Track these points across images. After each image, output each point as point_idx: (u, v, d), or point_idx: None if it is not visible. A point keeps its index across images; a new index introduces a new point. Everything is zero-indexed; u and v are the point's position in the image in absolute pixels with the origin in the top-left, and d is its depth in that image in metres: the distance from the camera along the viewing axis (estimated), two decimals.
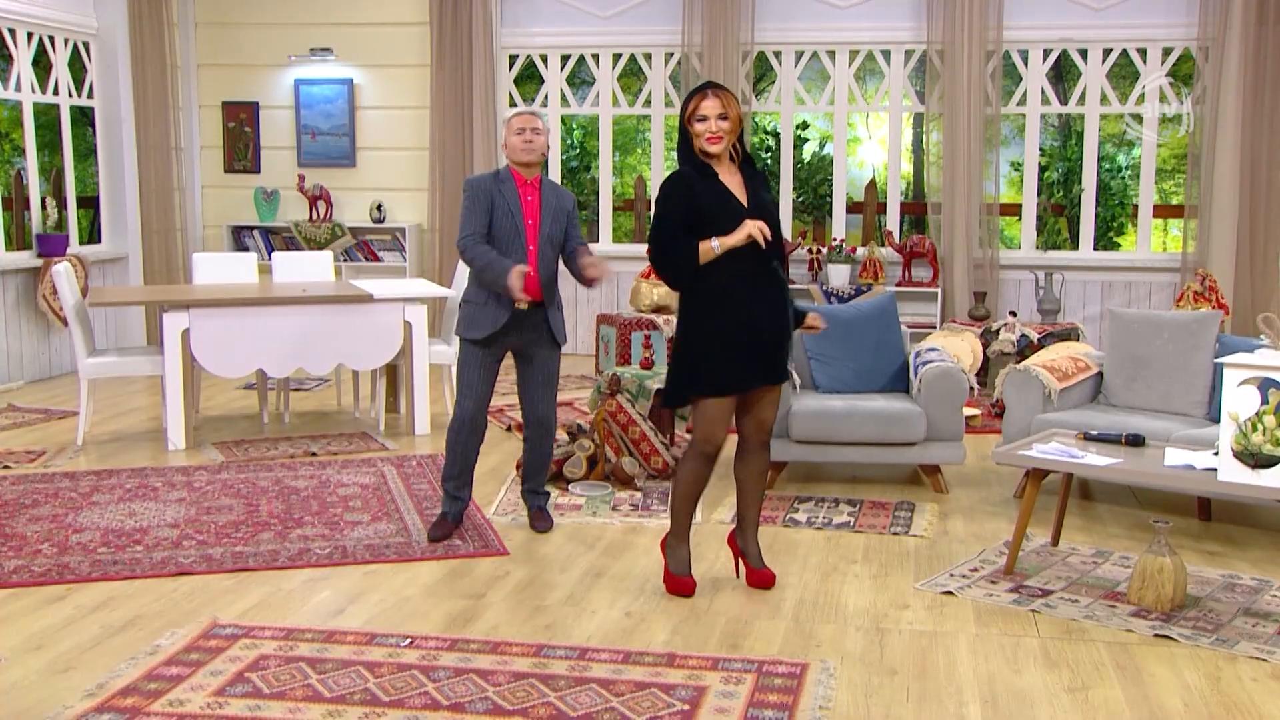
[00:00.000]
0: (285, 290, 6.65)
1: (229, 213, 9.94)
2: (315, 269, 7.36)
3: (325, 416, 7.24)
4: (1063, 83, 11.59)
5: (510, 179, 4.59)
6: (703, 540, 4.76)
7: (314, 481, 5.62)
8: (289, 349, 6.36)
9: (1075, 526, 4.96)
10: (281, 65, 9.78)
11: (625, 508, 5.23)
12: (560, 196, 4.66)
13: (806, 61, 9.40)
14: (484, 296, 4.57)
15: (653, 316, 8.26)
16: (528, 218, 4.56)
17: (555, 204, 4.62)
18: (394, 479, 5.68)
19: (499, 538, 4.75)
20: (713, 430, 3.93)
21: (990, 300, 8.84)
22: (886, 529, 4.93)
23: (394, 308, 6.53)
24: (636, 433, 5.74)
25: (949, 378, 5.43)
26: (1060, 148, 12.48)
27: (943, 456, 5.48)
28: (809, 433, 5.39)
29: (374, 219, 9.73)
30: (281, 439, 6.56)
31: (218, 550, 4.57)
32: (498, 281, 4.43)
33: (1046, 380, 5.35)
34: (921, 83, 9.42)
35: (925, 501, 5.36)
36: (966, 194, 8.86)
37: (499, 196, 4.55)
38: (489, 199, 4.54)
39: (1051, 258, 9.11)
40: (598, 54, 9.60)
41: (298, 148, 9.84)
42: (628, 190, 13.03)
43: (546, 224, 4.58)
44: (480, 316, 4.57)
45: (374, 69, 9.73)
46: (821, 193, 12.20)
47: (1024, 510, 4.35)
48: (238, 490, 5.43)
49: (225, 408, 7.49)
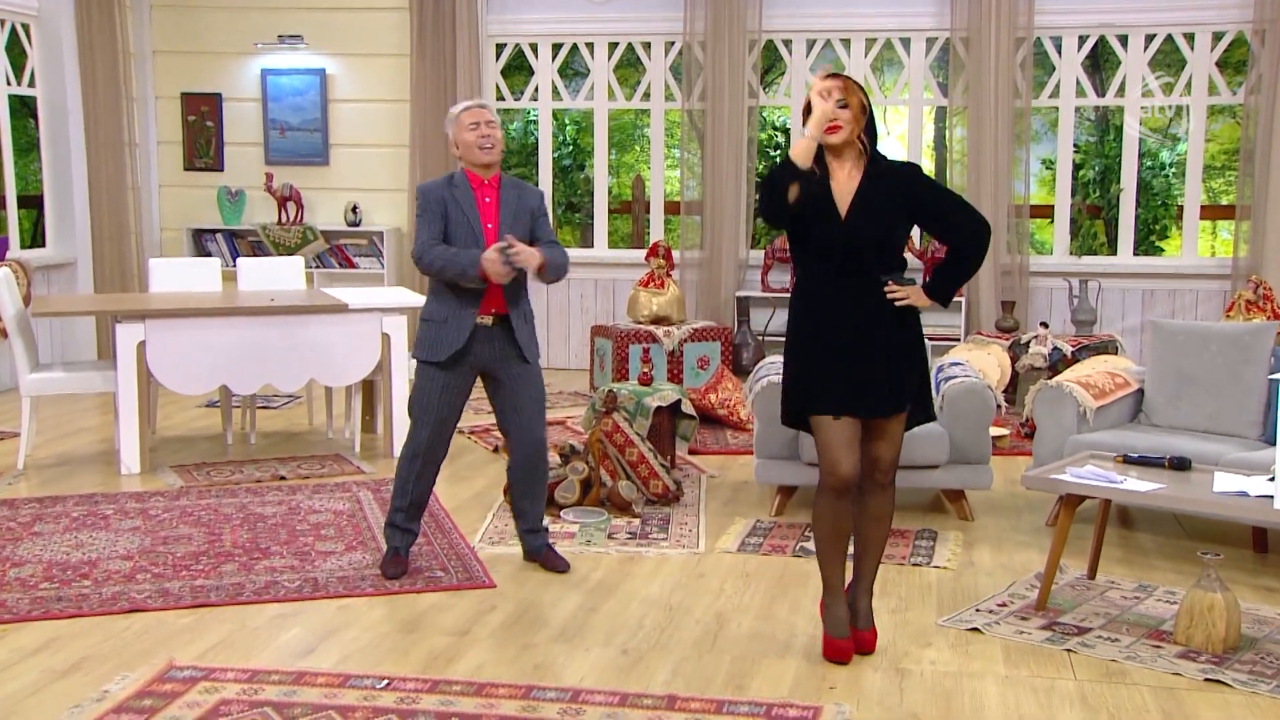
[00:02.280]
0: (251, 299, 6.65)
1: (189, 214, 9.94)
2: (284, 276, 7.36)
3: (295, 437, 7.24)
4: (1100, 72, 11.61)
5: (465, 182, 4.57)
6: (708, 571, 4.75)
7: (282, 508, 5.61)
8: (255, 363, 6.36)
9: (1114, 558, 4.96)
10: (247, 54, 9.81)
11: (622, 536, 5.22)
12: (523, 194, 4.62)
13: (819, 51, 9.43)
14: (445, 313, 4.54)
15: (651, 328, 8.27)
16: (486, 221, 4.54)
17: (516, 203, 4.58)
18: (370, 505, 5.67)
19: (484, 569, 4.74)
20: (834, 459, 3.72)
21: (1019, 310, 8.85)
22: (906, 559, 4.92)
23: (371, 318, 6.53)
24: (634, 454, 5.74)
25: (974, 395, 5.44)
26: (1097, 143, 12.49)
27: (968, 480, 5.48)
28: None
29: (349, 222, 9.74)
30: (247, 461, 6.55)
31: (175, 584, 4.56)
32: (467, 273, 4.40)
33: (1081, 397, 5.36)
34: (944, 73, 9.45)
35: (949, 530, 5.36)
36: (994, 195, 8.88)
37: (452, 202, 4.53)
38: (441, 205, 4.52)
39: (1087, 264, 9.13)
40: (592, 43, 9.63)
41: (265, 144, 9.86)
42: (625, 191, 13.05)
43: (506, 225, 4.53)
44: (441, 336, 4.54)
45: (348, 58, 9.76)
46: None
47: (1057, 540, 4.35)
48: (198, 518, 5.43)
49: (185, 428, 7.48)
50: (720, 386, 7.54)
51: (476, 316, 4.52)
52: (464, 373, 4.58)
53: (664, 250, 8.58)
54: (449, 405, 4.59)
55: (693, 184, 9.49)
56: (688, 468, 6.45)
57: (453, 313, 4.54)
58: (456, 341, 4.51)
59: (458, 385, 4.59)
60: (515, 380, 4.62)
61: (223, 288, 7.34)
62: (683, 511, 5.62)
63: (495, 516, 5.49)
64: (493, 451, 6.74)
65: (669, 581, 4.67)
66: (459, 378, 4.58)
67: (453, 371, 4.56)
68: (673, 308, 8.46)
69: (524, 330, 4.62)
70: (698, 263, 9.42)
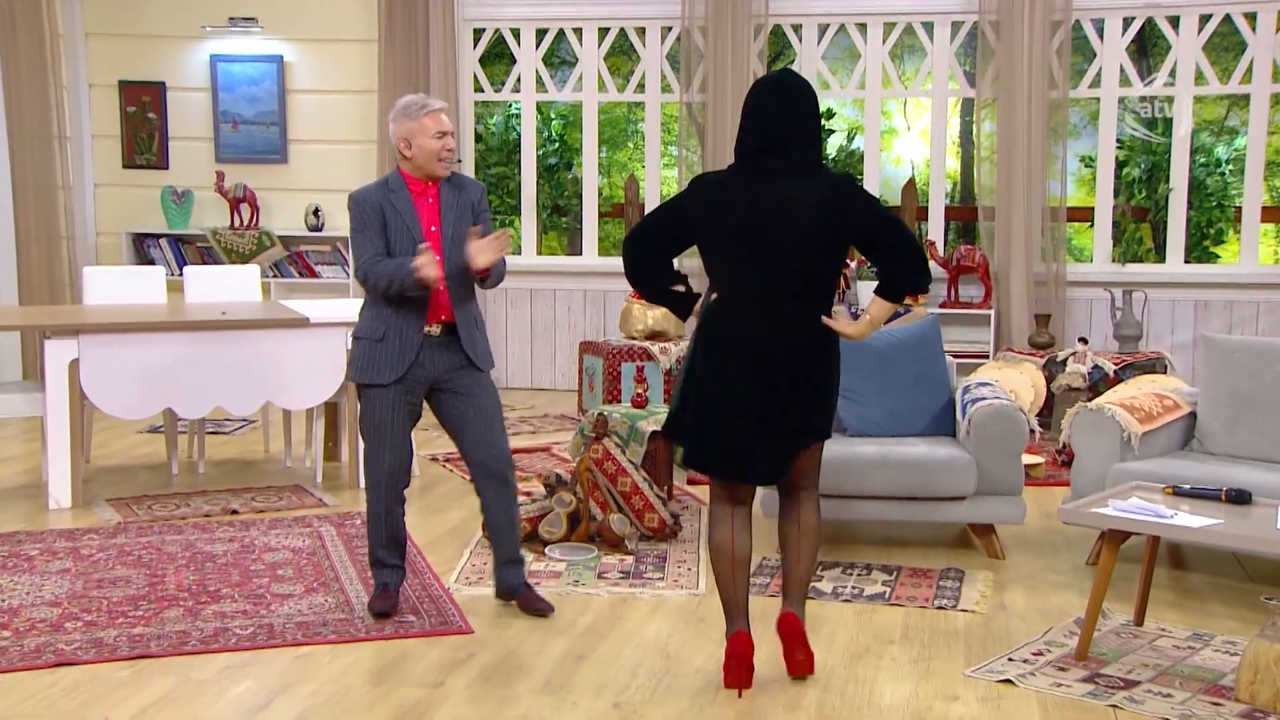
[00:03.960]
0: (200, 312, 6.65)
1: (129, 217, 9.95)
2: (237, 286, 7.37)
3: (249, 466, 7.23)
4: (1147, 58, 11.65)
5: (402, 186, 4.59)
6: (710, 614, 4.75)
7: (234, 545, 5.60)
8: (204, 384, 6.35)
9: (1165, 602, 4.95)
10: (194, 37, 9.83)
11: (614, 575, 5.22)
12: (462, 190, 4.65)
13: (832, 37, 9.47)
14: (382, 329, 4.56)
15: (647, 344, 8.27)
16: (428, 224, 4.57)
17: (457, 201, 4.62)
18: (334, 541, 5.66)
19: (460, 612, 4.73)
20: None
21: (1055, 324, 8.87)
22: (930, 602, 4.92)
23: (334, 334, 6.53)
24: (627, 484, 5.73)
25: (1005, 418, 5.44)
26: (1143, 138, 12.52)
27: (998, 514, 5.48)
28: (834, 485, 5.39)
29: (310, 226, 9.75)
30: (194, 494, 6.54)
31: (111, 633, 4.55)
32: (407, 281, 4.43)
33: (1125, 422, 5.36)
34: (972, 61, 9.49)
35: (977, 569, 5.36)
36: (1026, 195, 8.90)
37: (390, 209, 4.56)
38: (379, 214, 4.56)
39: (1131, 272, 9.15)
40: (580, 28, 9.66)
41: (215, 139, 9.88)
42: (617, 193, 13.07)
43: (449, 226, 4.57)
44: (384, 354, 4.55)
45: (309, 44, 9.78)
46: None
47: (1099, 581, 4.34)
48: (138, 558, 5.41)
49: (124, 456, 7.47)
50: None
51: (422, 328, 4.55)
52: (413, 386, 4.61)
53: None
54: (402, 426, 4.62)
55: None
56: (687, 499, 6.44)
57: (392, 327, 4.56)
58: (401, 360, 4.55)
59: (409, 400, 4.62)
60: (468, 390, 4.64)
61: (167, 299, 7.33)
62: (681, 548, 5.61)
63: (473, 554, 5.48)
64: (470, 481, 6.73)
65: (666, 626, 4.66)
66: (408, 392, 4.60)
67: (400, 386, 4.58)
68: (670, 322, 8.47)
69: (474, 338, 4.65)
70: (697, 271, 9.40)
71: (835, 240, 3.91)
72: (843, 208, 3.88)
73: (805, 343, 3.94)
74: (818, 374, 3.98)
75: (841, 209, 3.88)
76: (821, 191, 3.89)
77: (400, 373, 4.54)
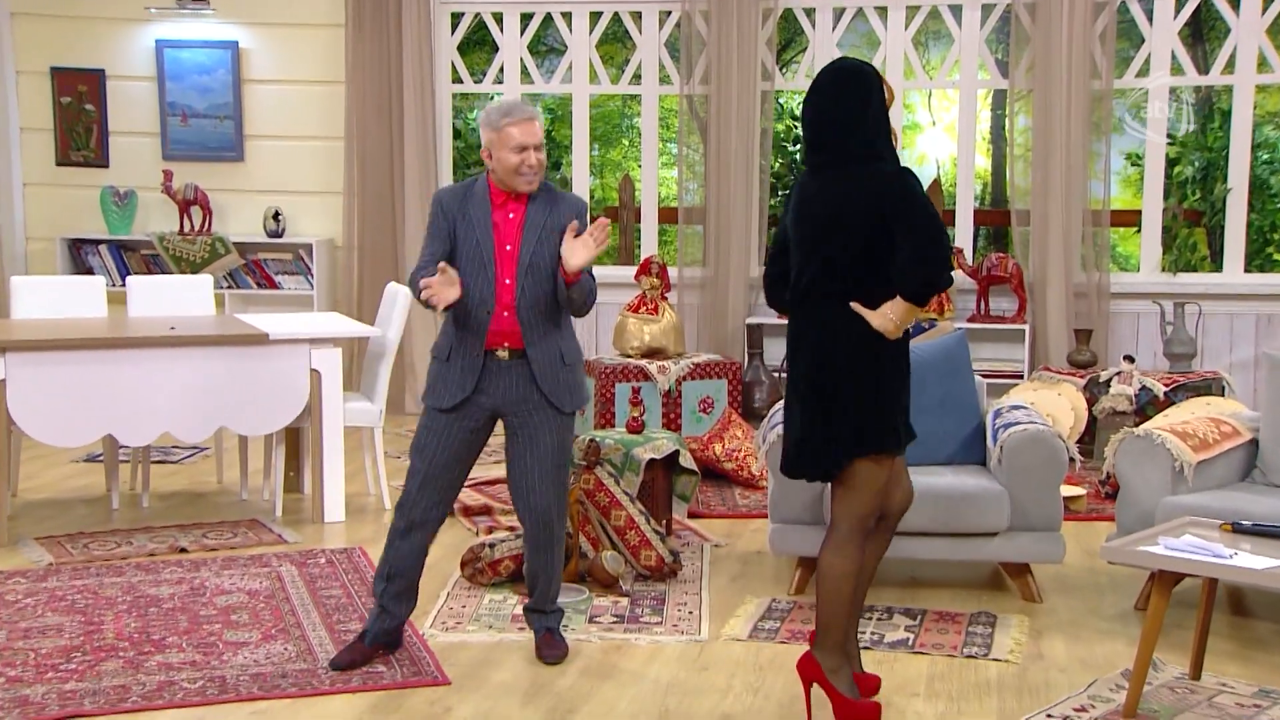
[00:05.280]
0: (145, 328, 6.65)
1: (64, 221, 9.94)
2: (188, 299, 7.37)
3: (200, 499, 7.22)
4: (1202, 43, 11.66)
5: (485, 195, 4.61)
6: (713, 662, 4.74)
7: (183, 588, 5.59)
8: (150, 408, 6.34)
9: (1224, 653, 4.94)
10: (137, 20, 9.82)
11: (607, 619, 5.22)
12: (556, 209, 4.62)
13: (849, 22, 9.49)
14: (447, 348, 4.62)
15: (643, 363, 8.26)
16: (503, 243, 4.57)
17: (545, 221, 4.59)
18: (295, 582, 5.65)
19: (436, 661, 4.73)
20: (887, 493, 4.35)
21: (1098, 341, 8.88)
22: (958, 650, 4.91)
23: (297, 351, 6.53)
24: (621, 519, 5.73)
25: (1041, 445, 5.44)
26: (1198, 133, 12.53)
27: (1034, 552, 5.48)
28: None
29: (269, 231, 9.75)
30: (138, 530, 6.53)
31: (39, 689, 4.53)
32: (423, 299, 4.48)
33: (1177, 450, 5.36)
34: (1005, 48, 9.51)
35: (1011, 613, 5.35)
36: (1065, 197, 8.92)
37: (462, 217, 4.58)
38: (449, 222, 4.59)
39: (1184, 283, 9.15)
40: (570, 12, 9.68)
41: (163, 134, 9.88)
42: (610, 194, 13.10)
43: (529, 249, 4.56)
44: (445, 375, 4.62)
45: (268, 29, 9.80)
46: None
47: (1149, 628, 4.34)
48: (72, 604, 5.39)
49: (56, 489, 7.46)
50: (727, 435, 7.54)
51: (484, 350, 4.57)
52: (474, 414, 4.63)
53: (658, 267, 8.60)
54: (451, 454, 4.63)
55: (693, 186, 9.52)
56: (687, 535, 6.44)
57: (458, 347, 4.60)
58: (464, 383, 4.58)
59: (466, 429, 4.63)
60: (531, 431, 4.65)
61: (108, 313, 7.33)
62: (681, 589, 5.61)
63: (450, 596, 5.47)
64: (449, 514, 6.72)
65: (665, 676, 4.66)
66: (467, 419, 4.63)
67: (457, 414, 4.61)
68: (669, 338, 8.47)
69: (554, 372, 4.63)
70: (699, 283, 9.44)
71: (873, 235, 4.13)
72: (877, 201, 4.13)
73: (832, 339, 4.18)
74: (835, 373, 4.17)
75: (875, 202, 4.12)
76: (863, 186, 4.16)
77: (460, 398, 4.58)
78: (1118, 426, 7.37)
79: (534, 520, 4.73)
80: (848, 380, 4.16)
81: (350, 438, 7.01)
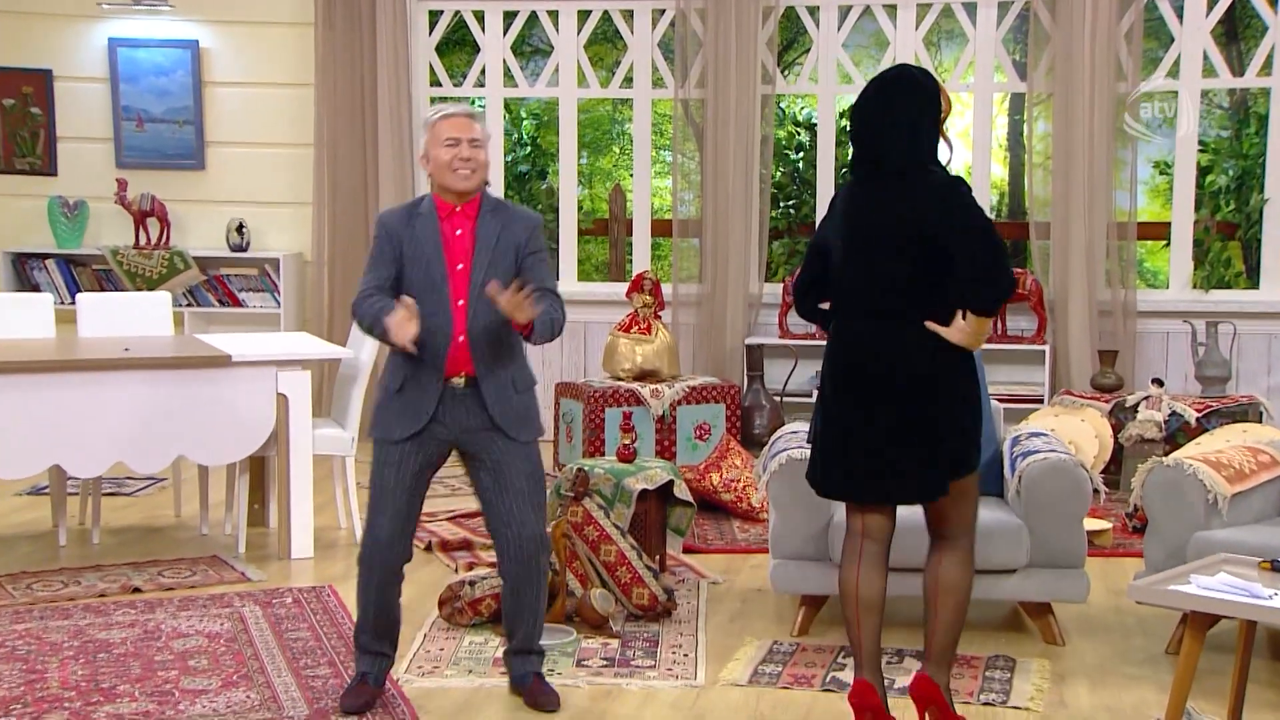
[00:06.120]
0: (97, 349, 6.64)
1: (8, 234, 9.92)
2: (144, 317, 7.35)
3: (156, 534, 7.20)
4: (1237, 42, 11.67)
5: (431, 210, 4.64)
6: (709, 710, 4.74)
7: (135, 631, 5.57)
8: (102, 436, 6.33)
9: (1265, 702, 4.93)
10: (89, 16, 9.82)
11: (596, 662, 5.21)
12: (510, 223, 4.66)
13: (855, 21, 9.52)
14: (400, 377, 4.62)
15: (635, 386, 8.26)
16: (454, 261, 4.59)
17: (499, 236, 4.62)
18: (259, 624, 5.64)
19: (411, 709, 4.73)
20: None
21: (1124, 363, 8.89)
22: (974, 696, 4.91)
23: (262, 374, 6.53)
24: (612, 554, 5.72)
25: (1063, 476, 5.44)
26: (1232, 140, 12.55)
27: (1056, 591, 5.47)
28: None
29: (232, 245, 9.75)
30: (87, 569, 6.51)
31: None
32: (387, 334, 4.49)
33: (1211, 481, 5.36)
34: (1023, 49, 9.54)
35: (1031, 656, 5.35)
36: (1087, 209, 8.93)
37: (409, 236, 4.60)
38: (396, 244, 4.60)
39: (1217, 300, 9.17)
40: (556, 11, 9.70)
41: (116, 140, 9.88)
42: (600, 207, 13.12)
43: (482, 267, 4.58)
44: (398, 408, 4.62)
45: (231, 27, 9.81)
46: None
47: (1182, 674, 4.33)
48: (13, 650, 5.37)
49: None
50: (725, 463, 7.53)
51: (442, 379, 4.58)
52: (430, 446, 4.65)
53: (651, 284, 8.61)
54: (410, 489, 4.65)
55: (689, 197, 9.53)
56: (682, 571, 6.44)
57: (411, 375, 4.60)
58: (417, 415, 4.59)
59: (422, 462, 4.65)
60: (497, 461, 4.67)
61: (56, 333, 7.31)
62: (676, 630, 5.61)
63: (426, 638, 5.46)
64: (424, 549, 6.72)
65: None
66: (423, 451, 4.64)
67: (412, 445, 4.62)
68: (662, 360, 8.47)
69: (506, 399, 4.65)
70: (696, 300, 9.45)
71: (928, 248, 4.32)
72: (927, 213, 4.32)
73: (907, 357, 4.37)
74: (922, 391, 4.37)
75: (926, 214, 4.32)
76: (915, 196, 4.36)
77: (414, 429, 4.59)
78: (1146, 455, 7.38)
79: (518, 554, 4.71)
80: (946, 399, 4.38)
81: (320, 467, 6.99)
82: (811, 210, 10.05)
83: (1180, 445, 7.40)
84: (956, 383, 4.40)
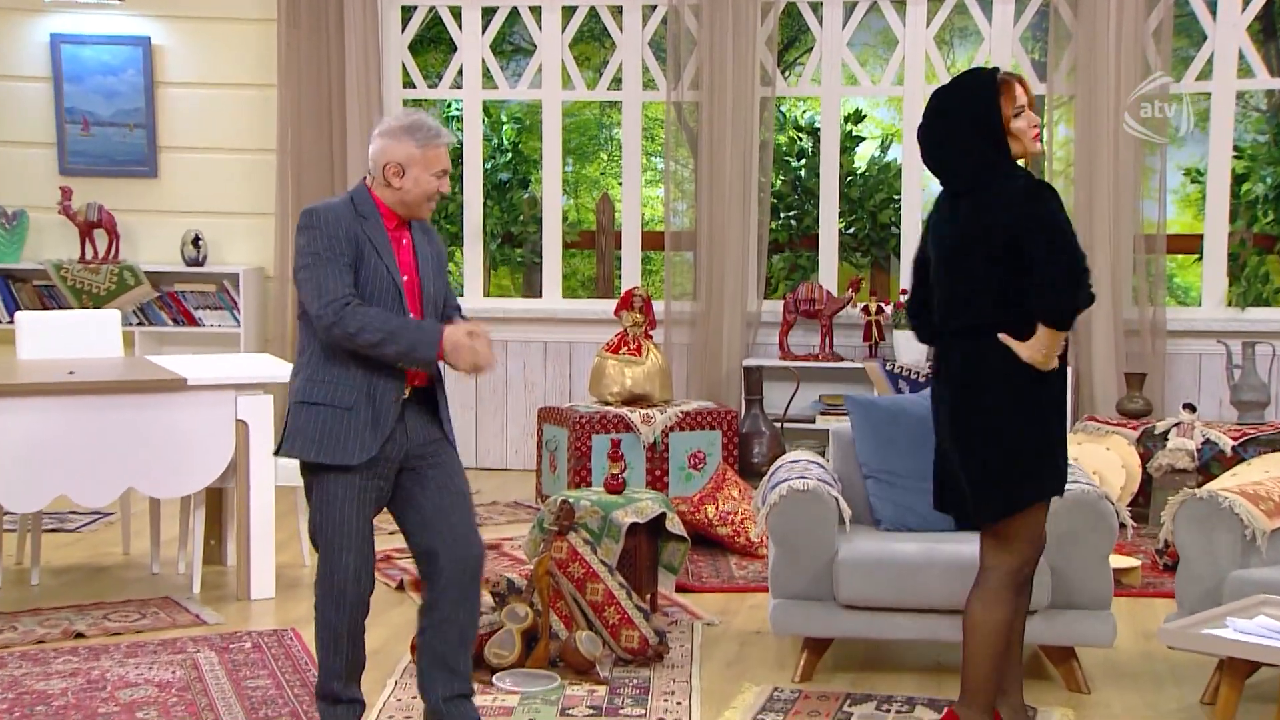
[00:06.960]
0: (39, 372, 6.62)
1: None
2: (91, 337, 7.34)
3: (102, 573, 7.18)
4: (1276, 40, 11.69)
5: (376, 216, 4.61)
6: None
7: (78, 681, 5.54)
8: (43, 467, 6.30)
9: None
10: (28, 10, 9.82)
11: (582, 711, 5.19)
12: (432, 239, 4.78)
13: (861, 18, 9.54)
14: (353, 394, 4.55)
15: (624, 412, 8.25)
16: (403, 271, 4.62)
17: (431, 250, 4.73)
18: (214, 671, 5.62)
19: None
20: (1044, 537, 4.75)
21: (1152, 387, 8.89)
22: None
23: (220, 399, 6.52)
24: (599, 593, 5.71)
25: (1086, 509, 5.43)
26: (1271, 145, 12.55)
27: (1080, 634, 5.46)
28: (866, 593, 5.39)
29: (188, 259, 9.74)
30: (24, 612, 6.47)
31: None
32: (415, 354, 4.47)
33: (1248, 515, 5.35)
34: (1042, 48, 9.55)
35: (1054, 705, 5.34)
36: (1112, 221, 8.95)
37: (365, 240, 4.57)
38: (353, 243, 4.56)
39: (1254, 319, 9.18)
40: (539, 7, 9.71)
41: (60, 145, 9.87)
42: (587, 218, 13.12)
43: (429, 279, 4.67)
44: (353, 427, 4.56)
45: (186, 23, 9.81)
46: (883, 220, 12.31)
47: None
48: None
49: None
50: (721, 495, 7.52)
51: (403, 392, 4.59)
52: (383, 469, 4.62)
53: (642, 301, 8.61)
54: (367, 519, 4.62)
55: (682, 207, 9.53)
56: (675, 611, 6.43)
57: (365, 393, 4.55)
58: (375, 435, 4.54)
59: (378, 485, 4.62)
60: (440, 471, 4.68)
61: None
62: (668, 675, 5.58)
63: (399, 685, 5.44)
64: (396, 589, 6.70)
65: None
66: (377, 476, 4.61)
67: (368, 472, 4.58)
68: (654, 382, 8.47)
69: (446, 408, 4.74)
70: (690, 319, 9.45)
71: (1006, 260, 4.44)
72: (1004, 223, 4.44)
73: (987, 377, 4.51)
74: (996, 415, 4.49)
75: (1003, 225, 4.44)
76: (990, 208, 4.49)
77: (374, 450, 4.54)
78: (1177, 487, 7.38)
79: (464, 572, 4.66)
80: (1011, 421, 4.49)
81: (282, 500, 6.96)
82: (814, 221, 10.04)
83: (1214, 476, 7.39)
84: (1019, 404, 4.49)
